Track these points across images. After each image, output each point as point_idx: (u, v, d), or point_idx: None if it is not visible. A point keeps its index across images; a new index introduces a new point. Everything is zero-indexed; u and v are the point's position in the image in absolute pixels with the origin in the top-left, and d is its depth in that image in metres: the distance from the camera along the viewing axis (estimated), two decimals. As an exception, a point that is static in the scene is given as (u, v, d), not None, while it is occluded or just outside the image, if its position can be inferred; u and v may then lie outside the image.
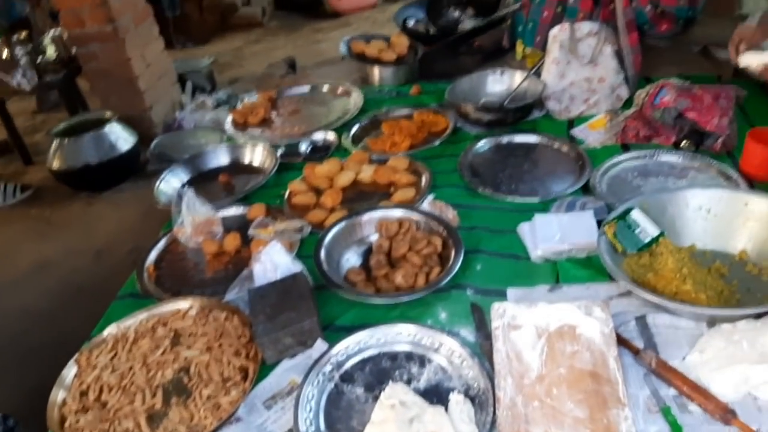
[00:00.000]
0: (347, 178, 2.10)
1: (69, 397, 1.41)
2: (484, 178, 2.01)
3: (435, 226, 1.73)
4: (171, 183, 2.34)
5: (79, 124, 3.47)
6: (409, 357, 1.35)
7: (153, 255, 1.92)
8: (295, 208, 2.04)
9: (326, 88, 2.95)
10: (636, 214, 1.49)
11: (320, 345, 1.41)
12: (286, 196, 2.10)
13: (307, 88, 2.99)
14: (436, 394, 1.25)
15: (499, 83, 2.52)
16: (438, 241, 1.67)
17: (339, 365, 1.35)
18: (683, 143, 1.94)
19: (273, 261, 1.60)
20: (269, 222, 1.86)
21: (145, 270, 1.84)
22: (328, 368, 1.33)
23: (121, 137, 3.40)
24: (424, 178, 2.03)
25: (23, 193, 3.59)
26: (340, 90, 2.88)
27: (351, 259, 1.74)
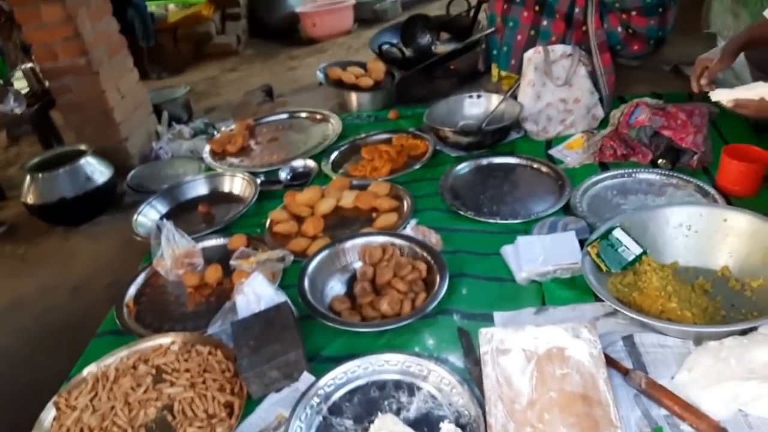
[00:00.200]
0: (328, 205, 2.09)
1: (48, 441, 1.36)
2: (466, 201, 2.01)
3: (419, 251, 1.72)
4: (149, 215, 2.31)
5: (53, 158, 3.41)
6: (397, 386, 1.33)
7: (132, 290, 1.88)
8: (277, 236, 2.02)
9: (304, 114, 2.95)
10: (618, 233, 1.50)
11: (307, 377, 1.39)
12: (267, 224, 2.08)
13: (285, 116, 3.00)
14: (427, 424, 1.23)
15: (476, 106, 2.54)
16: (422, 267, 1.66)
17: (327, 397, 1.32)
18: (660, 161, 1.97)
19: (256, 292, 1.58)
20: (251, 252, 1.84)
21: (125, 305, 1.81)
22: (315, 401, 1.31)
23: (97, 170, 3.34)
24: (405, 203, 2.03)
25: (-3, 229, 3.52)
26: (318, 116, 2.88)
27: (335, 287, 1.72)
